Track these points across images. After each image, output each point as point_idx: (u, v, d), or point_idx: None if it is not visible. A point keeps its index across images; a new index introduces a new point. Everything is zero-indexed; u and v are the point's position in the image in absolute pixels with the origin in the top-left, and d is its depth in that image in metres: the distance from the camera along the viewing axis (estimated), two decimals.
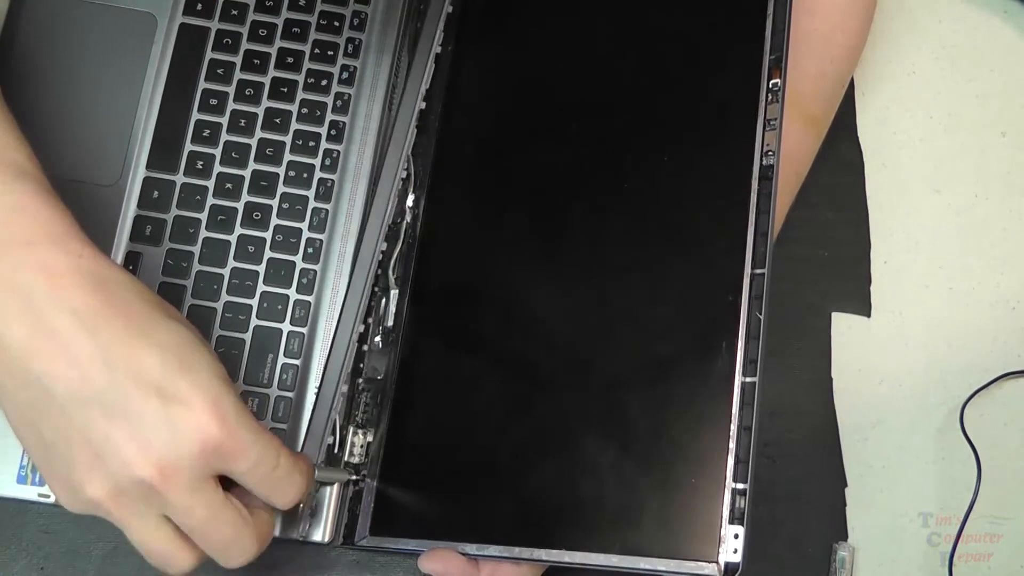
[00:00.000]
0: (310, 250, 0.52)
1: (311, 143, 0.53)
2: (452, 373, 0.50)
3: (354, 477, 0.49)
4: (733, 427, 0.42)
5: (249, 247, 0.52)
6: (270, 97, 0.54)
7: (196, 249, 0.51)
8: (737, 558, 0.40)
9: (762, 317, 0.42)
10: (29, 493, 0.48)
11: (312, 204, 0.53)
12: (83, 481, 0.38)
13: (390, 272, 0.52)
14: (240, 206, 0.52)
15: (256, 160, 0.53)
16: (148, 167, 0.52)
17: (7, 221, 0.38)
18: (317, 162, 0.53)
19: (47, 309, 0.37)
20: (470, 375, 0.49)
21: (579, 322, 0.48)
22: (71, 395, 0.37)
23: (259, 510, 0.41)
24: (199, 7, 0.54)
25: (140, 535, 0.39)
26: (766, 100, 0.45)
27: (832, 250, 0.59)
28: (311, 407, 0.49)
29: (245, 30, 0.54)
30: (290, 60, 0.54)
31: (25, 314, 0.37)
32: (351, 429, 0.50)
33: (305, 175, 0.53)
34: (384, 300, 0.52)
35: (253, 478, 0.39)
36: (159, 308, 0.40)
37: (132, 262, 0.51)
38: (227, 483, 0.40)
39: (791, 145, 0.53)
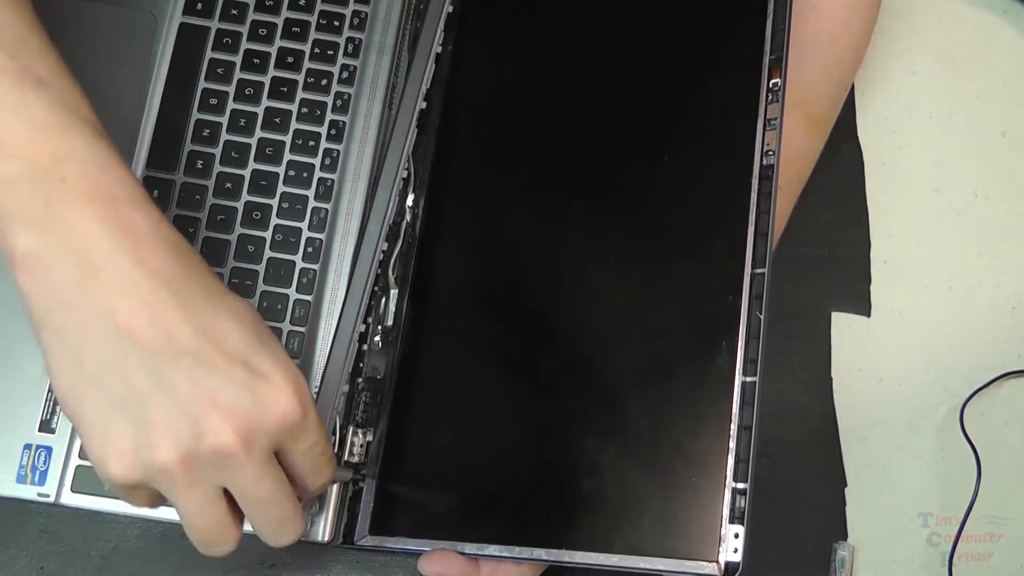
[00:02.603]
0: (310, 250, 0.52)
1: (311, 143, 0.53)
2: (452, 372, 0.50)
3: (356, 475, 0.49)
4: (733, 427, 0.42)
5: (249, 247, 0.52)
6: (270, 97, 0.54)
7: (196, 248, 0.51)
8: (737, 558, 0.40)
9: (762, 317, 0.43)
10: (29, 493, 0.48)
11: (312, 204, 0.53)
12: (156, 443, 0.36)
13: (390, 272, 0.52)
14: (240, 206, 0.52)
15: (256, 160, 0.53)
16: (148, 166, 0.52)
17: (90, 174, 0.37)
18: (317, 162, 0.53)
19: (129, 267, 0.36)
20: (470, 374, 0.49)
21: (579, 321, 0.48)
22: (153, 353, 0.36)
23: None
24: (199, 7, 0.54)
25: (194, 507, 0.38)
26: (766, 100, 0.45)
27: (832, 250, 0.59)
28: None
29: (245, 30, 0.54)
30: (290, 60, 0.54)
31: (106, 268, 0.36)
32: (351, 429, 0.50)
33: (305, 175, 0.53)
34: (384, 300, 0.52)
35: (306, 457, 0.40)
36: (224, 285, 0.40)
37: None
38: None
39: (795, 146, 0.53)
